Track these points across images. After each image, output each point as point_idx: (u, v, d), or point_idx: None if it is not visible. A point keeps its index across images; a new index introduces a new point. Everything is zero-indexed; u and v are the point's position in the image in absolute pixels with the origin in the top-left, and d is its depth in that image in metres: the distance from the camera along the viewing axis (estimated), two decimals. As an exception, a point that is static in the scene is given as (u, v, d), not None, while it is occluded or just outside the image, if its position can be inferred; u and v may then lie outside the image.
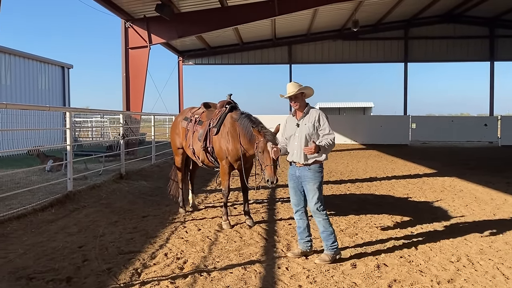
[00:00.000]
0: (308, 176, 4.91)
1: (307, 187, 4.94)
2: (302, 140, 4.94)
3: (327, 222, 4.95)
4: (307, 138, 4.91)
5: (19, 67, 20.53)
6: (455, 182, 10.71)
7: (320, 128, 4.94)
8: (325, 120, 4.96)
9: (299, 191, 5.07)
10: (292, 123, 5.13)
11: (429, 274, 4.53)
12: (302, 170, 4.96)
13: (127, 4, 15.65)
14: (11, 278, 4.33)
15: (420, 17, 25.20)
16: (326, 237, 4.92)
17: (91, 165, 12.74)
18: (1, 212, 6.70)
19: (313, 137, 4.90)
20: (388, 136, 24.14)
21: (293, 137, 5.06)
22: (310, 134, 4.92)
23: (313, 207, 4.92)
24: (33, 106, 13.45)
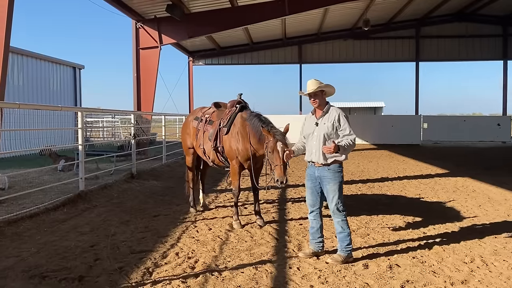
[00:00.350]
0: (328, 177, 4.84)
1: (326, 188, 4.87)
2: (321, 139, 4.86)
3: (345, 223, 4.90)
4: (326, 138, 4.84)
5: (32, 67, 20.75)
6: (467, 183, 10.59)
7: (340, 129, 4.85)
8: (345, 120, 4.88)
9: (316, 192, 5.01)
10: (311, 121, 5.05)
11: (442, 275, 4.48)
12: (321, 170, 4.90)
13: (138, 5, 15.74)
14: (24, 277, 4.36)
15: (431, 16, 25.00)
16: (342, 238, 4.88)
17: (102, 164, 12.82)
18: (14, 211, 6.77)
19: (332, 137, 4.82)
20: (400, 136, 23.99)
21: (311, 136, 4.99)
22: (329, 134, 4.84)
23: (333, 207, 4.87)
24: (45, 106, 13.57)
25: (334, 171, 4.84)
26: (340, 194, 4.86)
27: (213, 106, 7.34)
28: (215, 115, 7.10)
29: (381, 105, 55.93)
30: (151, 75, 17.15)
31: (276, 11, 16.20)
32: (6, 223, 6.09)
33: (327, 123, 4.87)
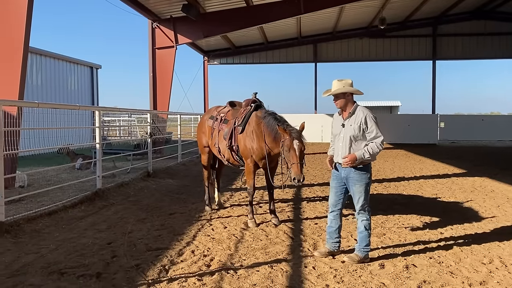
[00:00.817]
0: (354, 178, 4.77)
1: (353, 189, 4.82)
2: (347, 141, 4.77)
3: (369, 224, 4.86)
4: (352, 140, 4.75)
5: (50, 67, 21.06)
6: (485, 182, 10.44)
7: (367, 131, 4.70)
8: (372, 122, 4.71)
9: (339, 192, 4.98)
10: (338, 122, 4.96)
11: (460, 276, 4.43)
12: (347, 171, 4.81)
13: (154, 5, 15.87)
14: (44, 273, 4.44)
15: (449, 14, 24.66)
16: (363, 238, 4.84)
17: (119, 163, 12.95)
18: (33, 209, 6.89)
19: (358, 139, 4.73)
20: (416, 135, 23.77)
21: (338, 137, 4.91)
22: (355, 136, 4.73)
23: (358, 208, 4.84)
24: (64, 105, 13.76)
25: (361, 172, 4.76)
26: (366, 195, 4.80)
27: (228, 105, 7.36)
28: (230, 114, 7.12)
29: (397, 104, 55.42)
30: (167, 74, 17.28)
31: (291, 9, 16.17)
32: (26, 220, 6.20)
33: (353, 124, 4.75)
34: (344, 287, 4.17)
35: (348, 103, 4.86)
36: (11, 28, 8.21)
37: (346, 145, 4.78)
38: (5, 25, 8.23)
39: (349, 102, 4.86)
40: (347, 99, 4.85)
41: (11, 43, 8.22)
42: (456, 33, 25.98)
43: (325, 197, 8.61)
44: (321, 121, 24.75)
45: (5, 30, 8.23)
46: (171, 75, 17.30)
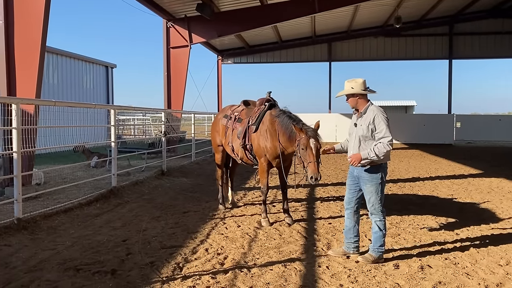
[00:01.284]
0: (365, 178, 4.76)
1: (364, 188, 4.81)
2: (357, 141, 4.77)
3: (383, 224, 4.81)
4: (361, 139, 4.73)
5: (66, 66, 21.33)
6: (503, 183, 10.28)
7: (376, 131, 4.65)
8: (381, 121, 4.64)
9: (353, 190, 4.98)
10: (352, 121, 4.97)
11: (476, 277, 4.37)
12: (359, 170, 4.81)
13: (168, 4, 15.95)
14: (60, 269, 4.50)
15: (466, 12, 24.30)
16: (377, 239, 4.80)
17: (134, 161, 13.07)
18: (50, 206, 6.98)
19: (367, 139, 4.69)
20: (432, 135, 23.52)
21: (350, 136, 4.93)
22: (364, 136, 4.70)
23: (369, 208, 4.82)
24: (80, 104, 13.91)
25: (372, 172, 4.73)
26: (378, 196, 4.75)
27: (242, 104, 7.36)
28: (244, 113, 7.13)
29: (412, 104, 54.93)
30: (181, 73, 17.36)
31: (305, 8, 16.12)
32: (42, 217, 6.29)
33: (363, 125, 4.73)
34: (358, 287, 4.15)
35: (360, 102, 4.83)
36: (28, 28, 8.33)
37: (356, 144, 4.78)
38: (23, 25, 8.35)
39: (361, 102, 4.83)
40: (358, 99, 4.82)
41: (29, 43, 8.34)
42: (473, 31, 25.59)
43: (339, 197, 8.58)
44: (335, 120, 24.65)
45: (23, 30, 8.35)
46: (185, 74, 17.38)
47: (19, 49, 8.37)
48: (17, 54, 8.35)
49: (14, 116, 6.00)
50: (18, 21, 8.35)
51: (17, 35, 8.35)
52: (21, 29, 8.38)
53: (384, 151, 4.57)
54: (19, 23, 8.35)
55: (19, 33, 8.36)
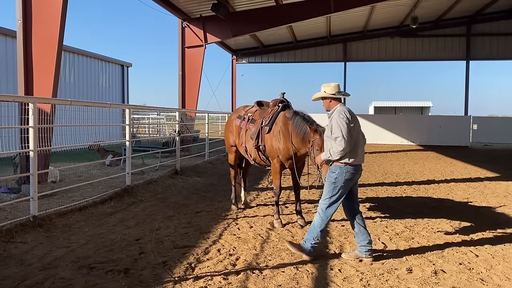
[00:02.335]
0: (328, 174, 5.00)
1: None
2: (325, 142, 5.12)
3: (319, 221, 4.94)
4: (326, 140, 5.06)
5: (82, 65, 21.58)
6: (520, 187, 10.11)
7: (332, 132, 4.86)
8: (336, 123, 4.80)
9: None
10: None
11: (491, 283, 4.31)
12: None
13: (184, 4, 16.02)
14: (74, 267, 4.55)
15: (484, 13, 23.94)
16: (309, 230, 5.03)
17: (148, 160, 13.17)
18: (64, 204, 7.07)
19: (328, 139, 4.93)
20: (448, 137, 23.24)
21: None
22: (327, 136, 5.00)
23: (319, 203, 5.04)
24: (95, 103, 14.05)
25: (331, 171, 4.95)
26: (327, 194, 4.91)
27: (256, 105, 7.36)
28: (257, 114, 7.12)
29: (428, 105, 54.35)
30: (195, 73, 17.42)
31: (321, 8, 16.04)
32: (57, 215, 6.37)
33: (328, 125, 5.04)
34: (370, 291, 4.11)
35: (332, 105, 5.10)
36: (46, 27, 8.44)
37: (325, 145, 5.08)
38: (41, 24, 8.45)
39: (332, 104, 5.10)
40: (330, 102, 5.12)
41: (46, 42, 8.44)
42: (491, 32, 25.18)
43: (352, 199, 8.51)
44: (350, 121, 24.47)
45: (41, 29, 8.46)
46: (199, 73, 17.44)
47: (37, 48, 8.48)
48: (35, 54, 8.46)
49: (31, 115, 6.09)
50: (36, 20, 8.46)
51: (35, 34, 8.46)
52: (38, 29, 8.48)
53: (335, 151, 4.75)
54: (36, 23, 8.46)
55: (37, 33, 8.47)
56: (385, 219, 6.93)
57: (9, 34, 16.09)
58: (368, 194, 9.16)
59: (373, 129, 24.25)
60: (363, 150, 5.06)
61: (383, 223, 6.64)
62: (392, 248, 5.38)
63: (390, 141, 24.04)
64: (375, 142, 23.89)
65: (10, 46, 16.17)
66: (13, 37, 15.21)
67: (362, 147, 5.06)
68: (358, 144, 4.94)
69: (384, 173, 12.45)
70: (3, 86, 16.01)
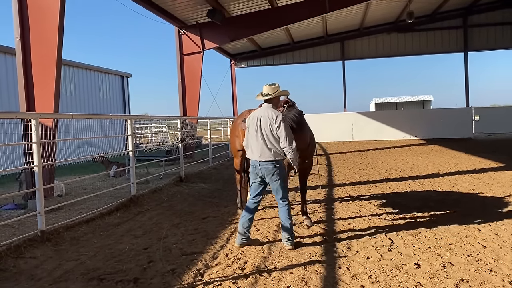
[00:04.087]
0: None
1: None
2: None
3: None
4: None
5: (82, 78, 21.69)
6: (525, 176, 10.09)
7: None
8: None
9: None
10: None
11: (500, 274, 4.31)
12: None
13: (180, 12, 16.11)
14: (84, 279, 4.58)
15: (480, 3, 23.97)
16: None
17: (152, 169, 13.20)
18: (71, 217, 7.11)
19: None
20: (450, 129, 23.23)
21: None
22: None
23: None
24: (97, 115, 14.13)
25: None
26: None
27: (260, 108, 7.37)
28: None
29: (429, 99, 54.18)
30: (195, 80, 17.49)
31: (316, 9, 16.10)
32: (65, 228, 6.41)
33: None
34: (379, 287, 4.12)
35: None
36: (44, 43, 8.51)
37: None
38: (39, 41, 8.53)
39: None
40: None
41: (45, 58, 8.51)
42: (488, 23, 25.21)
43: (358, 197, 8.53)
44: (352, 119, 24.54)
45: (39, 45, 8.53)
46: (199, 80, 17.50)
47: (36, 64, 8.55)
48: (35, 70, 8.53)
49: (34, 131, 6.14)
50: (34, 37, 8.53)
51: (34, 51, 8.53)
52: (37, 45, 8.56)
53: None
54: (35, 39, 8.54)
55: (36, 49, 8.54)
56: (391, 214, 6.94)
57: (8, 51, 16.20)
58: (373, 190, 9.17)
59: (375, 126, 24.28)
60: (256, 147, 5.44)
61: (389, 219, 6.64)
62: (400, 244, 5.38)
63: (393, 136, 24.04)
64: (378, 139, 23.90)
65: (10, 63, 16.28)
66: (12, 54, 15.32)
67: (255, 144, 5.45)
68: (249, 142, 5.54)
69: (388, 169, 12.45)
70: (5, 103, 16.11)
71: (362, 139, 24.19)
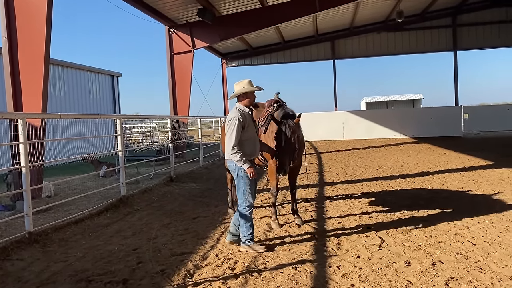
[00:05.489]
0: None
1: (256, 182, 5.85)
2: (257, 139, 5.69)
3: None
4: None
5: (71, 78, 21.50)
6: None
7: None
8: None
9: None
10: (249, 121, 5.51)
11: (488, 271, 4.33)
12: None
13: (170, 11, 16.02)
14: (72, 281, 4.53)
15: (469, 2, 24.16)
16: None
17: (142, 169, 13.12)
18: (60, 218, 7.03)
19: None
20: (440, 128, 23.37)
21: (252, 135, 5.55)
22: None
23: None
24: (85, 115, 14.03)
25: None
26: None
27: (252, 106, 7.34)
28: (254, 115, 7.11)
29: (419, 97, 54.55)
30: (186, 79, 17.42)
31: (306, 8, 16.10)
32: (54, 229, 6.34)
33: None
34: (369, 286, 4.12)
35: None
36: (32, 42, 8.42)
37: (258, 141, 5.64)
38: (26, 39, 8.43)
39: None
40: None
41: (33, 57, 8.42)
42: (477, 22, 25.43)
43: (348, 195, 8.55)
44: (342, 118, 24.59)
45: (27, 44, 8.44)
46: (190, 79, 17.44)
47: (24, 63, 8.45)
48: (22, 69, 8.44)
49: (21, 131, 6.06)
50: (21, 36, 8.44)
51: (21, 49, 8.44)
52: (24, 44, 8.46)
53: None
54: (22, 38, 8.44)
55: (23, 48, 8.45)
56: (381, 213, 6.95)
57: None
58: (363, 189, 9.19)
59: (366, 125, 24.36)
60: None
61: (379, 218, 6.66)
62: (390, 242, 5.39)
63: (383, 135, 24.14)
64: (368, 137, 23.99)
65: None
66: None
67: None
68: None
69: (378, 168, 12.49)
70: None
71: (353, 137, 24.27)
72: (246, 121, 5.40)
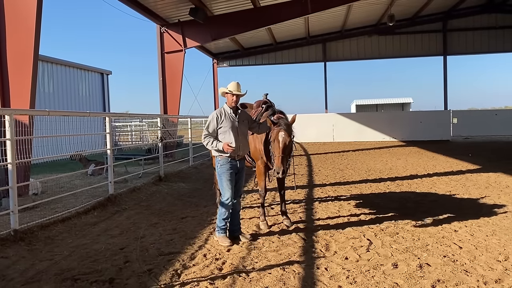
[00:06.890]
0: (244, 168, 5.91)
1: (242, 177, 5.87)
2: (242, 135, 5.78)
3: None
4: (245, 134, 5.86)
5: (61, 75, 21.30)
6: (500, 178, 10.29)
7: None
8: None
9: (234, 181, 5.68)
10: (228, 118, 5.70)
11: (475, 274, 4.36)
12: (242, 162, 5.83)
13: (161, 10, 15.95)
14: (57, 279, 4.47)
15: (459, 8, 24.37)
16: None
17: (131, 168, 13.03)
18: (47, 216, 6.95)
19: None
20: (429, 132, 23.56)
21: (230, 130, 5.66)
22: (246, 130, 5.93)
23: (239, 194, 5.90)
24: (74, 113, 13.89)
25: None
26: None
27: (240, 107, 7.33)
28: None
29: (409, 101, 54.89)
30: (176, 78, 17.35)
31: (298, 10, 16.11)
32: (40, 227, 6.26)
33: (245, 120, 5.82)
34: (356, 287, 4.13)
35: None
36: (20, 38, 8.31)
37: (243, 137, 5.75)
38: (15, 35, 8.33)
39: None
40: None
41: (21, 53, 8.32)
42: (467, 27, 25.67)
43: (337, 197, 8.57)
44: (332, 120, 24.68)
45: (15, 40, 8.33)
46: (180, 78, 17.36)
47: (12, 59, 8.34)
48: (10, 64, 8.32)
49: (8, 128, 5.98)
50: (9, 31, 8.33)
51: (9, 45, 8.33)
52: (13, 39, 8.35)
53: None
54: (10, 33, 8.33)
55: (11, 43, 8.34)
56: (370, 215, 6.98)
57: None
58: (352, 191, 9.22)
59: (356, 127, 24.47)
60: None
61: (367, 220, 6.68)
62: (378, 244, 5.41)
63: (373, 138, 24.26)
64: (358, 140, 24.08)
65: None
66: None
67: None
68: None
69: (367, 170, 12.55)
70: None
71: (343, 140, 24.35)
72: (222, 118, 5.66)
